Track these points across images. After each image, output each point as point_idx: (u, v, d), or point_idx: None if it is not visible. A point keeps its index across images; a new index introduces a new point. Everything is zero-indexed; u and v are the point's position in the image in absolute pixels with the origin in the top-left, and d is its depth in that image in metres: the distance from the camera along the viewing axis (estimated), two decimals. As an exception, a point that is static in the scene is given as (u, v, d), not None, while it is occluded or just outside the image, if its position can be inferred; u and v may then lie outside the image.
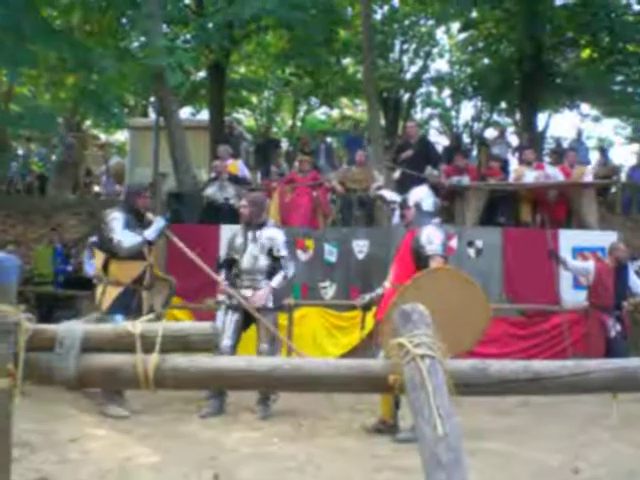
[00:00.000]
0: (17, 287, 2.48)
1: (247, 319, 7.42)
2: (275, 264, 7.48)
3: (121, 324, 2.50)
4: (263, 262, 7.44)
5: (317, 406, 7.18)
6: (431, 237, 6.25)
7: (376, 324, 6.66)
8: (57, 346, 2.40)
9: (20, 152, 18.41)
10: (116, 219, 7.26)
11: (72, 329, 2.44)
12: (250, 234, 7.51)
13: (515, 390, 2.38)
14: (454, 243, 10.66)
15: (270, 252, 7.45)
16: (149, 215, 7.51)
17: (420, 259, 6.22)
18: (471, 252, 10.77)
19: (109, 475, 4.77)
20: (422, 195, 6.73)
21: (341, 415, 7.02)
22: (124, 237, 7.14)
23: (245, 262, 7.45)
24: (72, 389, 2.44)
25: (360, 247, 10.93)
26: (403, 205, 6.76)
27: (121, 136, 27.96)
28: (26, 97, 16.35)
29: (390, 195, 7.91)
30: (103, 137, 26.09)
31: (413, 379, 2.20)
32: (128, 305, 7.11)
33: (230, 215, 10.82)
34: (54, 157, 18.08)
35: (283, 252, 7.48)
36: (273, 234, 7.56)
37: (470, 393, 2.37)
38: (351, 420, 6.85)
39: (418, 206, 6.60)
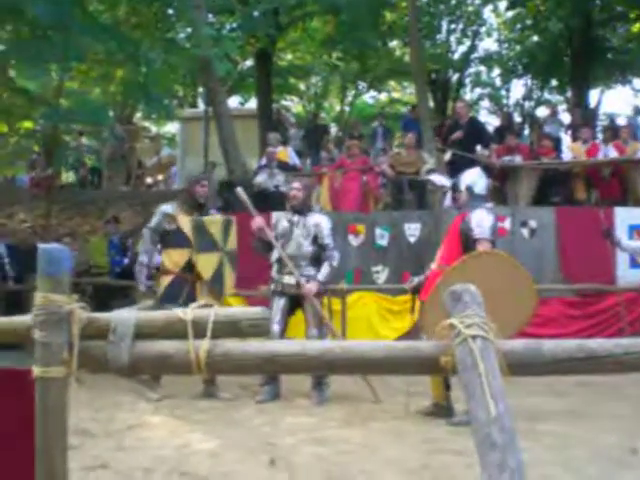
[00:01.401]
0: (72, 278, 2.52)
1: (293, 304, 7.41)
2: (319, 250, 7.39)
3: (172, 311, 2.52)
4: (308, 248, 7.35)
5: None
6: (481, 221, 6.19)
7: (420, 305, 6.63)
8: (110, 334, 2.43)
9: (73, 146, 18.67)
10: (159, 213, 7.50)
11: (125, 317, 2.47)
12: (297, 219, 7.44)
13: (569, 369, 2.34)
14: (507, 224, 10.55)
15: (315, 239, 7.36)
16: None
17: (468, 242, 6.16)
18: (525, 232, 10.63)
19: (166, 461, 4.83)
20: (474, 178, 6.66)
21: (396, 399, 6.99)
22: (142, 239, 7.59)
23: (290, 248, 7.36)
24: (126, 376, 2.47)
25: (412, 230, 10.87)
26: (455, 188, 6.69)
27: (172, 128, 28.22)
28: (76, 91, 16.56)
29: (440, 180, 7.83)
30: (154, 129, 26.36)
31: (465, 360, 2.18)
32: (177, 294, 7.11)
33: (280, 202, 10.85)
34: (105, 150, 18.32)
35: (327, 240, 7.37)
36: (319, 220, 7.47)
37: (523, 373, 2.34)
38: (406, 404, 6.83)
39: (470, 189, 6.53)
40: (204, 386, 7.29)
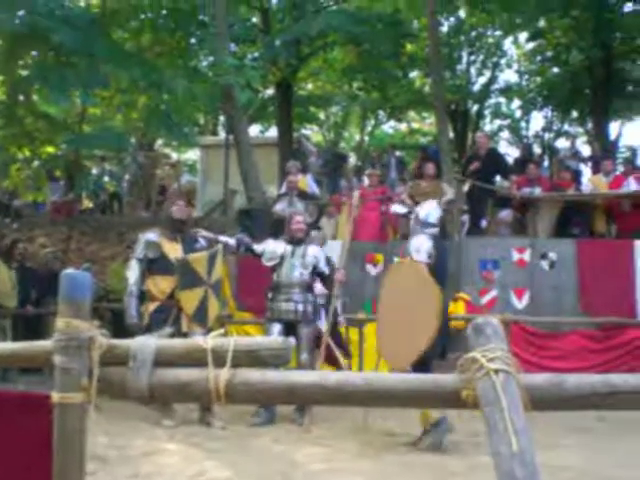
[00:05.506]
0: (91, 304, 2.52)
1: (288, 330, 7.51)
2: (313, 279, 7.77)
3: (192, 339, 2.52)
4: (305, 277, 7.71)
5: (387, 422, 7.12)
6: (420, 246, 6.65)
7: None
8: (130, 361, 2.42)
9: (94, 171, 18.84)
10: (142, 242, 7.58)
11: (145, 344, 2.47)
12: (298, 250, 7.75)
13: (592, 405, 2.31)
14: (527, 256, 10.51)
15: (314, 269, 7.74)
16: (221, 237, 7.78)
17: None
18: (545, 264, 10.57)
19: (182, 489, 4.81)
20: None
21: (411, 431, 6.94)
22: (131, 270, 7.51)
23: (282, 275, 7.69)
24: (145, 403, 2.46)
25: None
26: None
27: (192, 155, 28.38)
28: (99, 118, 16.77)
29: (397, 208, 8.39)
30: (175, 156, 26.51)
31: (487, 394, 2.16)
32: (165, 319, 7.24)
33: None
34: (127, 176, 18.46)
35: (324, 269, 7.80)
36: (317, 252, 7.88)
37: (545, 408, 2.32)
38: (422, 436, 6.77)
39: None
40: (199, 413, 7.28)
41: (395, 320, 6.42)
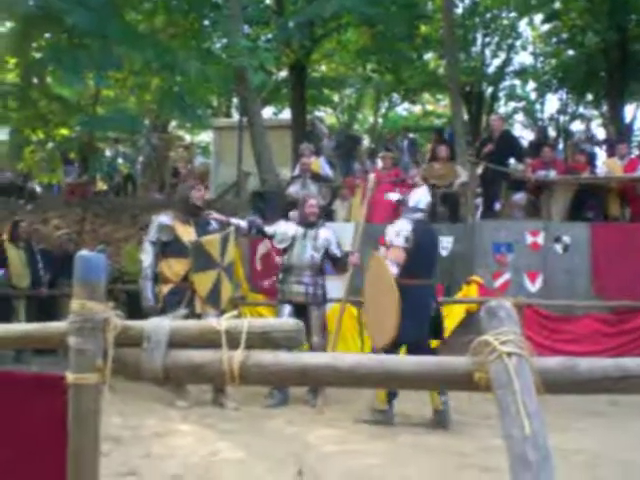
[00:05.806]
0: (106, 285, 2.53)
1: (299, 312, 7.55)
2: (324, 261, 7.86)
3: (206, 320, 2.53)
4: (317, 260, 7.78)
5: (401, 403, 7.14)
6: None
7: None
8: (145, 342, 2.44)
9: (108, 153, 18.87)
10: (156, 225, 7.61)
11: (159, 325, 2.47)
12: (310, 232, 7.82)
13: (604, 389, 2.30)
14: (540, 239, 10.47)
15: (326, 251, 7.82)
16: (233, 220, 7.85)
17: None
18: (558, 248, 10.52)
19: (194, 469, 4.84)
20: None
21: (425, 413, 6.96)
22: (145, 253, 7.56)
23: (293, 257, 7.76)
24: (159, 384, 2.48)
25: (444, 244, 10.79)
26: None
27: (206, 137, 28.37)
28: (113, 100, 16.76)
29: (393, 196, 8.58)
30: (188, 138, 26.51)
31: (499, 377, 2.16)
32: (179, 301, 7.30)
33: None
34: (140, 158, 18.49)
35: (336, 250, 7.87)
36: (329, 234, 7.94)
37: (558, 391, 2.31)
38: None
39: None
40: (213, 394, 7.32)
41: (372, 307, 6.57)
